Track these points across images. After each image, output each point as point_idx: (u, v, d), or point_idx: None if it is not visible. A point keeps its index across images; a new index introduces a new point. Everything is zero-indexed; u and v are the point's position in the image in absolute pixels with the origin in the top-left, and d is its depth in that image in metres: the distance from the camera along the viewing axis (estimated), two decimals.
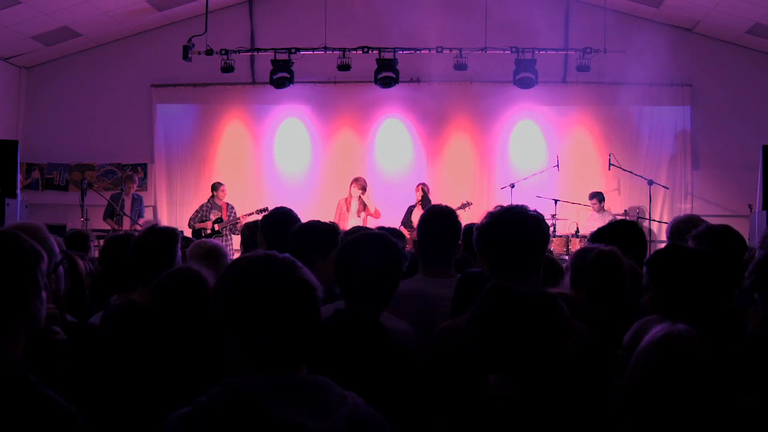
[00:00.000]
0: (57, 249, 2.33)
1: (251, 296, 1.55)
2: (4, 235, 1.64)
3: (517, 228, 2.37)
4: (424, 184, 10.14)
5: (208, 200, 10.20)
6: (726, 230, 3.17)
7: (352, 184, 9.90)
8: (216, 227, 9.90)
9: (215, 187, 10.21)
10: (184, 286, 2.40)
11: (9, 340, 1.58)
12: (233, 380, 1.54)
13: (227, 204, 10.11)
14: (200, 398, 1.54)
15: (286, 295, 1.56)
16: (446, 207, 3.31)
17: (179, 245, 2.90)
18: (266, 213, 4.04)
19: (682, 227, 3.60)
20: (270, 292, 1.55)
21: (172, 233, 2.91)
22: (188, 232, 9.99)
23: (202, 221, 10.01)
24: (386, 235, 2.52)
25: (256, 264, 1.59)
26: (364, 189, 9.79)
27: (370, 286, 2.39)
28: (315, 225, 3.42)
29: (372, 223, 9.65)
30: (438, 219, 3.22)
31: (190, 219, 10.14)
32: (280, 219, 3.73)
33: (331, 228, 3.43)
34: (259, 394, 1.50)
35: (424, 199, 9.78)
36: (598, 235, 3.60)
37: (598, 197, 10.24)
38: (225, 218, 9.96)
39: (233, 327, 1.57)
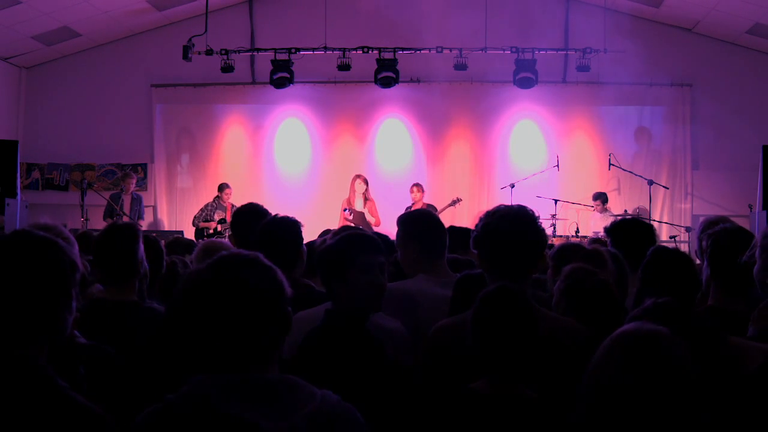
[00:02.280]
0: (77, 249, 2.34)
1: (210, 297, 1.54)
2: (44, 244, 1.65)
3: (520, 228, 2.38)
4: (420, 185, 10.12)
5: (214, 200, 10.26)
6: (738, 231, 3.15)
7: (355, 179, 9.95)
8: (219, 228, 9.92)
9: (221, 188, 10.28)
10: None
11: (35, 348, 1.61)
12: (198, 378, 1.55)
13: (233, 205, 10.12)
14: (170, 395, 1.55)
15: (245, 295, 1.54)
16: (425, 209, 3.40)
17: (141, 241, 2.90)
18: (236, 209, 3.96)
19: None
20: (228, 292, 1.54)
21: (133, 230, 2.91)
22: (190, 231, 10.05)
23: (206, 220, 10.06)
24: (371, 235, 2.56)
25: (216, 265, 1.59)
26: (366, 183, 9.91)
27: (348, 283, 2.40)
28: (283, 219, 3.31)
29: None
30: (429, 219, 3.26)
31: (195, 217, 10.23)
32: (250, 216, 3.64)
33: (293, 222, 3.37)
34: (213, 393, 1.50)
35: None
36: (613, 231, 3.71)
37: (601, 198, 10.26)
38: (228, 219, 9.96)
39: (195, 328, 1.56)
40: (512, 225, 2.38)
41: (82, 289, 2.87)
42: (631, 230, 3.75)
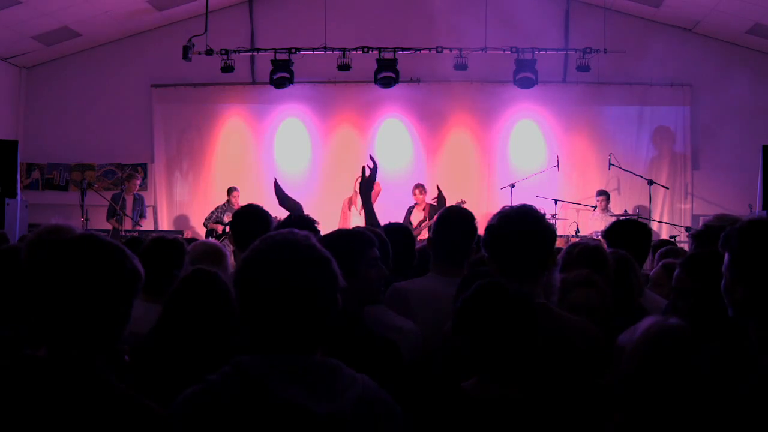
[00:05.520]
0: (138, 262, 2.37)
1: (271, 275, 1.55)
2: (113, 249, 1.65)
3: (525, 228, 2.36)
4: (422, 186, 10.10)
5: (225, 203, 10.34)
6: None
7: (357, 180, 9.96)
8: (227, 229, 9.96)
9: (229, 191, 10.41)
10: (205, 287, 2.43)
11: (102, 357, 1.62)
12: (242, 359, 1.55)
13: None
14: (211, 376, 1.56)
15: (304, 277, 1.56)
16: (464, 208, 3.32)
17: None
18: (236, 211, 3.96)
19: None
20: (289, 272, 1.55)
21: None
22: (189, 230, 10.11)
23: (217, 222, 10.14)
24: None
25: (278, 243, 1.60)
26: None
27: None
28: (303, 218, 3.38)
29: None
30: (455, 220, 3.21)
31: (206, 219, 10.40)
32: (251, 217, 3.59)
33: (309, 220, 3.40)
34: (265, 375, 1.51)
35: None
36: (609, 233, 3.74)
37: (606, 195, 10.32)
38: None
39: (250, 307, 1.57)
40: (517, 225, 2.36)
41: None
42: (626, 231, 3.77)
